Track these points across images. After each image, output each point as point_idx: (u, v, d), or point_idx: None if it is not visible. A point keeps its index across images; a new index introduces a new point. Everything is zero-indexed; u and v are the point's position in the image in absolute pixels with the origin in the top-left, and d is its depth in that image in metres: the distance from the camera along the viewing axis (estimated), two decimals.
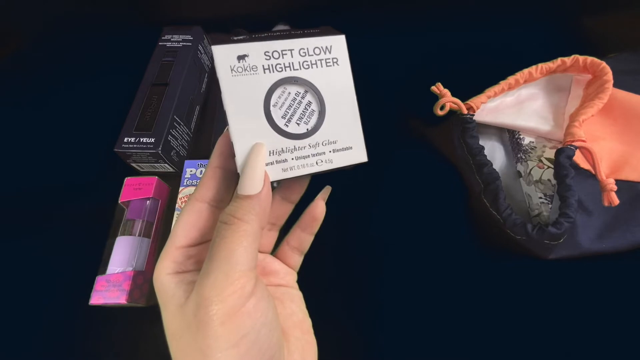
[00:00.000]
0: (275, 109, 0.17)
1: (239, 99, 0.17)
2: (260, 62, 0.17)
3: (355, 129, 0.19)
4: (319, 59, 0.18)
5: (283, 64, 0.17)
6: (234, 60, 0.16)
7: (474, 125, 0.35)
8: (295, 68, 0.17)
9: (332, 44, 0.18)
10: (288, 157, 0.18)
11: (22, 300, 0.36)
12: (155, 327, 0.33)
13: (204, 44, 0.49)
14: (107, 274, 0.33)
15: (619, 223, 0.33)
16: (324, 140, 0.19)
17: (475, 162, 0.34)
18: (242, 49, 0.16)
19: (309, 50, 0.17)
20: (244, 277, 0.16)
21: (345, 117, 0.19)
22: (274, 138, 0.17)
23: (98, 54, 0.53)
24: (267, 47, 0.17)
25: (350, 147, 0.19)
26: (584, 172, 0.32)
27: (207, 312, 0.15)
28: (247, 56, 0.17)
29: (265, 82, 0.17)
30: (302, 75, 0.17)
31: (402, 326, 0.33)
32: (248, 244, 0.16)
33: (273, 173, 0.18)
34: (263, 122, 0.17)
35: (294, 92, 0.18)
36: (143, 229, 0.36)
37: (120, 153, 0.38)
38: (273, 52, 0.17)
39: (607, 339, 0.31)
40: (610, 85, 0.33)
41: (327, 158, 0.19)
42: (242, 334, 0.16)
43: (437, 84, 0.35)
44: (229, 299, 0.15)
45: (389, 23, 0.53)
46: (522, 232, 0.31)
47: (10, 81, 0.52)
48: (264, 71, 0.17)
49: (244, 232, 0.16)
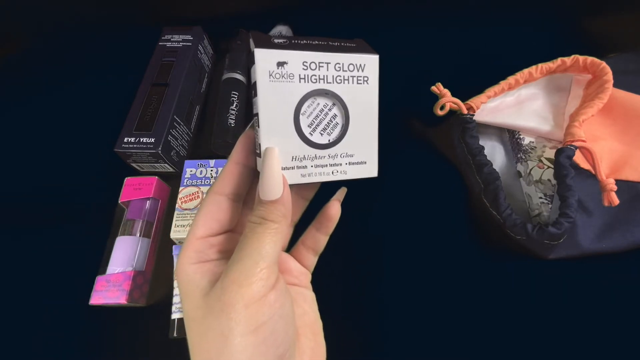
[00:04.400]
0: (303, 117, 0.18)
1: (273, 104, 0.17)
2: (297, 71, 0.17)
3: (372, 146, 0.20)
4: (351, 76, 0.18)
5: (318, 75, 0.18)
6: (274, 66, 0.17)
7: (474, 125, 0.35)
8: (329, 81, 0.18)
9: (365, 62, 0.18)
10: (308, 164, 0.19)
11: (22, 300, 0.36)
12: (155, 327, 0.33)
13: (204, 44, 0.49)
14: (107, 274, 0.33)
15: (619, 223, 0.33)
16: (342, 152, 0.19)
17: (475, 162, 0.34)
18: (283, 55, 0.17)
19: (344, 65, 0.18)
20: (269, 268, 0.17)
21: (366, 133, 0.20)
22: (298, 145, 0.18)
23: (98, 54, 0.53)
24: (306, 57, 0.17)
25: (364, 161, 0.20)
26: (584, 172, 0.32)
27: (234, 295, 0.16)
28: (286, 63, 0.17)
29: (300, 91, 0.18)
30: (333, 89, 0.18)
31: (402, 326, 0.33)
32: (277, 241, 0.17)
33: (292, 177, 0.19)
34: (291, 129, 0.18)
35: (323, 103, 0.18)
36: (143, 229, 0.36)
37: (120, 153, 0.38)
38: (310, 63, 0.17)
39: (607, 339, 0.31)
40: (610, 85, 0.33)
41: (342, 169, 0.20)
42: (261, 321, 0.16)
43: (437, 84, 0.35)
44: (254, 285, 0.16)
45: (389, 23, 0.53)
46: (522, 232, 0.31)
47: (10, 81, 0.52)
48: (300, 80, 0.17)
49: (274, 230, 0.17)
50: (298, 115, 0.18)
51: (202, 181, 0.38)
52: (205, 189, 0.37)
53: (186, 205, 0.36)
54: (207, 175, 0.38)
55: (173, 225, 0.35)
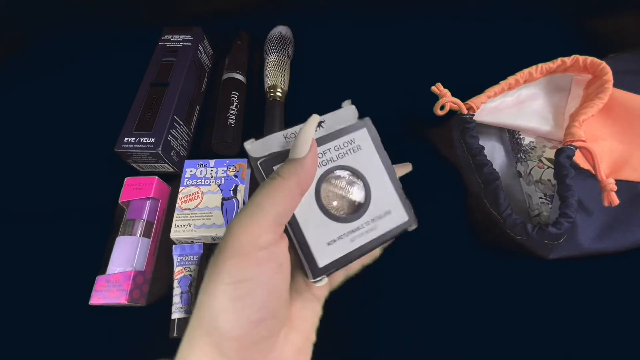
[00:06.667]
0: (327, 200, 0.21)
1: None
2: None
3: (393, 195, 0.22)
4: (347, 149, 0.22)
5: (325, 159, 0.21)
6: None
7: (474, 125, 0.35)
8: (334, 160, 0.21)
9: (354, 138, 0.22)
10: (345, 238, 0.21)
11: (22, 300, 0.36)
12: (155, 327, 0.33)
13: (204, 44, 0.49)
14: (107, 274, 0.33)
15: (619, 223, 0.32)
16: (372, 213, 0.22)
17: (475, 162, 0.34)
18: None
19: (340, 145, 0.22)
20: (264, 226, 0.17)
21: (384, 187, 0.22)
22: (332, 226, 0.21)
23: (98, 54, 0.53)
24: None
25: (389, 211, 0.22)
26: (584, 172, 0.32)
27: (223, 244, 0.17)
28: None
29: (316, 175, 0.21)
30: (339, 162, 0.21)
31: (402, 325, 0.33)
32: (280, 199, 0.17)
33: (334, 254, 0.20)
34: (319, 215, 0.21)
35: (340, 183, 0.22)
36: (143, 229, 0.36)
37: (120, 153, 0.38)
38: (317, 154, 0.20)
39: (607, 339, 0.31)
40: (610, 85, 0.33)
41: (374, 226, 0.22)
42: (242, 277, 0.16)
43: (437, 84, 0.35)
44: (243, 236, 0.17)
45: (388, 23, 0.53)
46: (522, 232, 0.30)
47: (11, 81, 0.52)
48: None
49: (281, 187, 0.17)
50: (320, 195, 0.21)
51: (202, 181, 0.38)
52: (205, 189, 0.37)
53: (186, 205, 0.36)
54: (207, 175, 0.38)
55: (173, 225, 0.35)
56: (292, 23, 0.51)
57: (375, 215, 0.21)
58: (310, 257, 0.20)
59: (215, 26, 0.50)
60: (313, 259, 0.20)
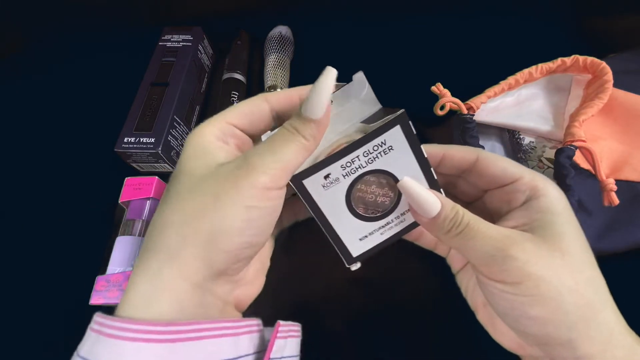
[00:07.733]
0: (357, 202, 0.22)
1: (331, 204, 0.21)
2: (340, 174, 0.21)
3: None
4: (378, 153, 0.21)
5: (354, 167, 0.21)
6: (322, 180, 0.21)
7: (474, 125, 0.35)
8: (364, 166, 0.21)
9: (385, 139, 0.21)
10: (376, 233, 0.23)
11: (22, 300, 0.36)
12: None
13: (204, 44, 0.49)
14: (107, 274, 0.33)
15: (619, 223, 0.32)
16: (402, 209, 0.22)
17: None
18: (326, 170, 0.20)
19: (370, 150, 0.21)
20: (284, 171, 0.18)
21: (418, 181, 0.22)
22: (362, 225, 0.22)
23: (98, 54, 0.53)
24: (341, 162, 0.20)
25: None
26: (584, 172, 0.32)
27: (247, 173, 0.18)
28: (330, 174, 0.21)
29: (346, 184, 0.21)
30: (370, 168, 0.21)
31: (401, 325, 0.33)
32: (300, 155, 0.19)
33: (366, 245, 0.23)
34: (349, 217, 0.22)
35: (370, 189, 0.22)
36: (143, 229, 0.36)
37: (120, 153, 0.38)
38: (346, 163, 0.20)
39: None
40: (610, 85, 0.33)
41: (403, 219, 0.23)
42: (255, 205, 0.18)
43: (437, 84, 0.35)
44: (267, 174, 0.18)
45: (388, 23, 0.53)
46: None
47: (11, 81, 0.52)
48: (344, 177, 0.21)
49: (302, 145, 0.18)
50: (350, 201, 0.21)
51: None
52: None
53: None
54: None
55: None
56: (292, 23, 0.51)
57: (405, 209, 0.22)
58: (345, 250, 0.23)
59: (215, 26, 0.50)
60: (347, 251, 0.23)
